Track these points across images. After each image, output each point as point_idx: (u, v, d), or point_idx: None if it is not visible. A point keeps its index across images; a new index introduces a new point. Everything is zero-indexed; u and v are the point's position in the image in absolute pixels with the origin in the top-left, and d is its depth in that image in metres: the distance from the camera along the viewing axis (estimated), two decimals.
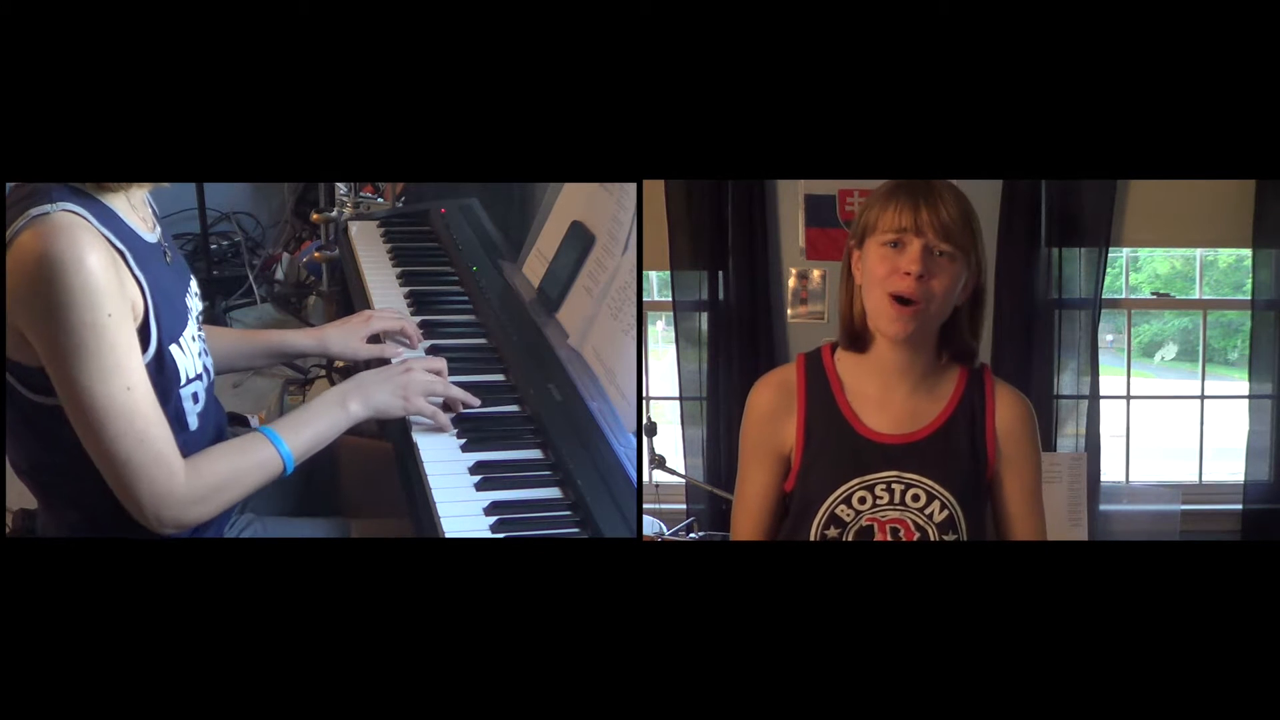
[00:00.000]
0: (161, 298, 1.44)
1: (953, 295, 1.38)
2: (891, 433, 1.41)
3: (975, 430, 1.43)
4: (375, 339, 1.87)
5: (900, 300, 1.35)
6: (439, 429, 1.63)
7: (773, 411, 1.44)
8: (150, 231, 1.49)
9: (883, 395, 1.42)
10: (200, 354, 1.54)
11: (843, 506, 1.40)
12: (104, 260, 1.34)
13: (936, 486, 1.40)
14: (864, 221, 1.41)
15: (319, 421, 1.56)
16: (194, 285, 1.60)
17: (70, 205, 1.34)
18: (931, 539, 1.40)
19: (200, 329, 1.57)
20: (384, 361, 1.81)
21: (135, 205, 1.48)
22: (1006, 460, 1.44)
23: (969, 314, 1.43)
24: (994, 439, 1.44)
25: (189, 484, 1.41)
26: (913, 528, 1.40)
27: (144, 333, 1.41)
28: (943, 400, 1.43)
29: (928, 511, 1.40)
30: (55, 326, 1.32)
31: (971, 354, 1.45)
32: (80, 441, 1.39)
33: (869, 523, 1.40)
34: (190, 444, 1.48)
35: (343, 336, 1.86)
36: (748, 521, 1.47)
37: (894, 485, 1.40)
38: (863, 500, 1.40)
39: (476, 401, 1.68)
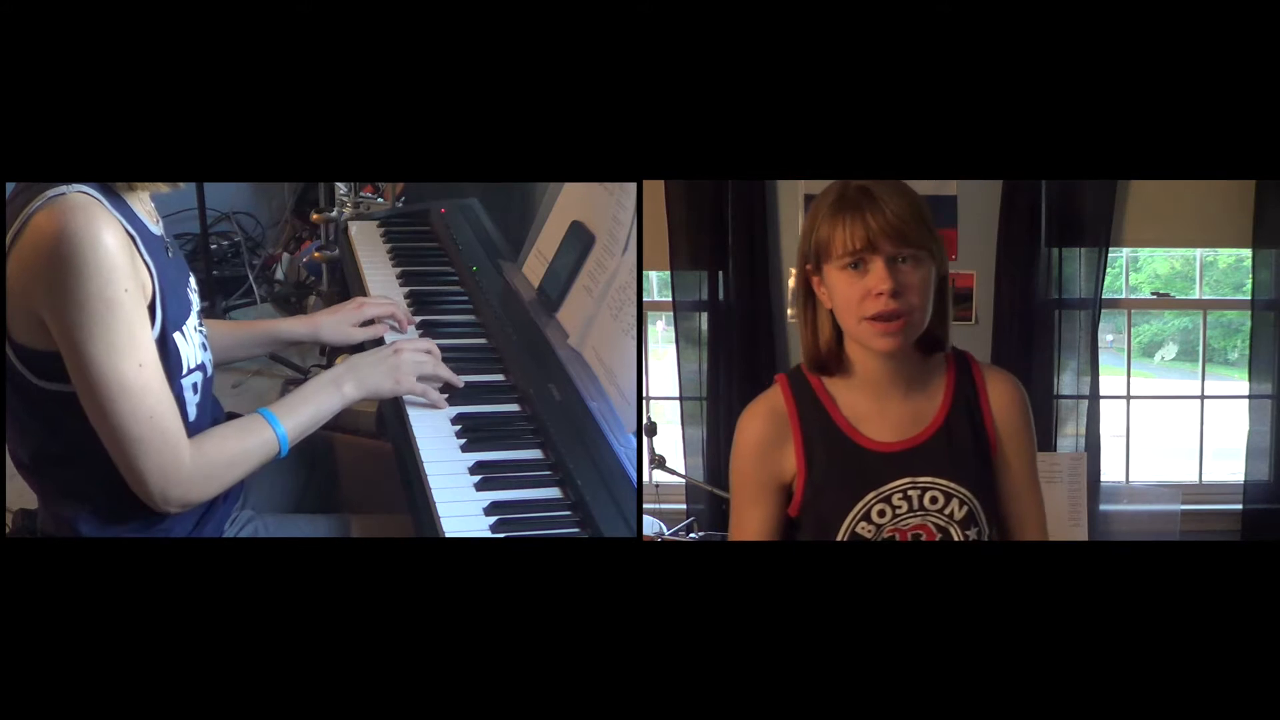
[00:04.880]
0: (167, 285, 1.46)
1: (929, 295, 1.34)
2: (895, 440, 1.39)
3: (974, 419, 1.41)
4: (368, 324, 1.91)
5: (881, 319, 1.32)
6: (433, 406, 1.68)
7: (767, 441, 1.40)
8: (155, 225, 1.52)
9: (878, 406, 1.39)
10: (201, 346, 1.56)
11: (863, 524, 1.37)
12: (119, 239, 1.36)
13: (951, 485, 1.37)
14: (815, 244, 1.35)
15: (314, 403, 1.61)
16: (192, 281, 1.62)
17: (85, 187, 1.37)
18: (955, 538, 1.38)
19: (201, 324, 1.59)
20: (378, 343, 1.84)
21: (141, 199, 1.50)
22: (1005, 442, 1.42)
23: (936, 304, 1.38)
24: (992, 423, 1.42)
25: (194, 463, 1.44)
26: (934, 530, 1.38)
27: (150, 317, 1.42)
28: (937, 397, 1.41)
29: (948, 511, 1.38)
30: (71, 301, 1.34)
31: (940, 343, 1.41)
32: (83, 430, 1.40)
33: (890, 534, 1.38)
34: (188, 434, 1.49)
35: (335, 324, 1.91)
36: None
37: (910, 492, 1.37)
38: (882, 513, 1.37)
39: (460, 382, 1.73)
